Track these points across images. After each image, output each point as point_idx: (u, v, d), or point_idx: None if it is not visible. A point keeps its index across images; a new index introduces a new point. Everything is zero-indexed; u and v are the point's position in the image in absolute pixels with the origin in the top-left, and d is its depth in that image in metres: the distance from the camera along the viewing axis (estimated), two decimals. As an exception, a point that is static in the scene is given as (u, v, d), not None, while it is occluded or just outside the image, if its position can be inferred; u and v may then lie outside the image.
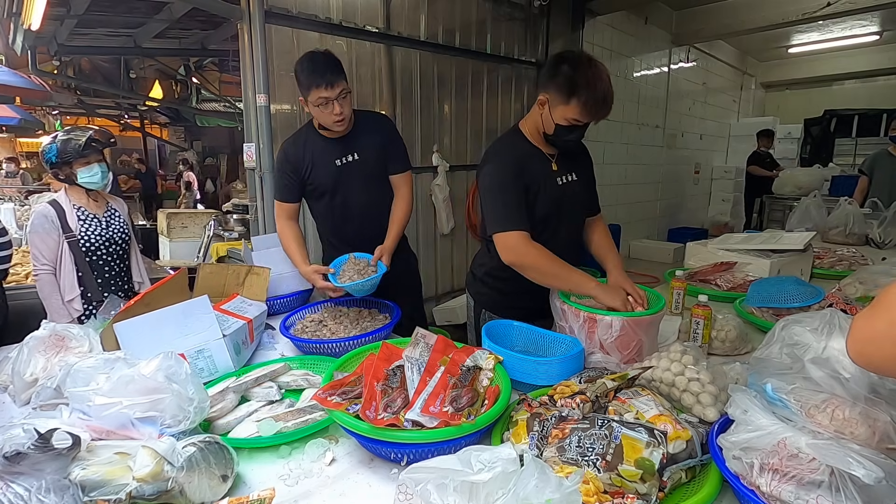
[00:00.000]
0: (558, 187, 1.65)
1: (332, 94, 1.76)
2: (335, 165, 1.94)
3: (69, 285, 2.14)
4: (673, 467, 0.91)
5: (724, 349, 1.58)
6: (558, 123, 1.54)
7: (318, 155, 1.93)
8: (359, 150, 1.95)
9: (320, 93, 1.75)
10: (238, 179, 9.67)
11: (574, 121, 1.51)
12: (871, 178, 4.31)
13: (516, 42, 4.73)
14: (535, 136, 1.67)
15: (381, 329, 1.65)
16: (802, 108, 9.46)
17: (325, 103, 1.78)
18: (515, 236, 1.52)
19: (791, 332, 0.91)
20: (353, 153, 1.95)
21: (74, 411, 1.00)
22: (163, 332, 1.38)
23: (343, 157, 1.94)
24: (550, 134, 1.59)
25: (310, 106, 1.83)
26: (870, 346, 0.65)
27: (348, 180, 1.96)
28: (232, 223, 4.40)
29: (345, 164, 1.94)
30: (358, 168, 1.95)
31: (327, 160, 1.94)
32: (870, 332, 0.65)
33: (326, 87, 1.75)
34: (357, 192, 1.98)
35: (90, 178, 2.16)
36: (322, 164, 1.94)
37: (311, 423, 1.16)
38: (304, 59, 1.81)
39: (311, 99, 1.78)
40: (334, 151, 1.94)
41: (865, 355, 0.67)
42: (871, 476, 0.72)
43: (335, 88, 1.76)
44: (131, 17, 4.76)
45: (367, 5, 3.54)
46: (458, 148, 4.43)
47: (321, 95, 1.76)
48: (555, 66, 1.52)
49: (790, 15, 5.70)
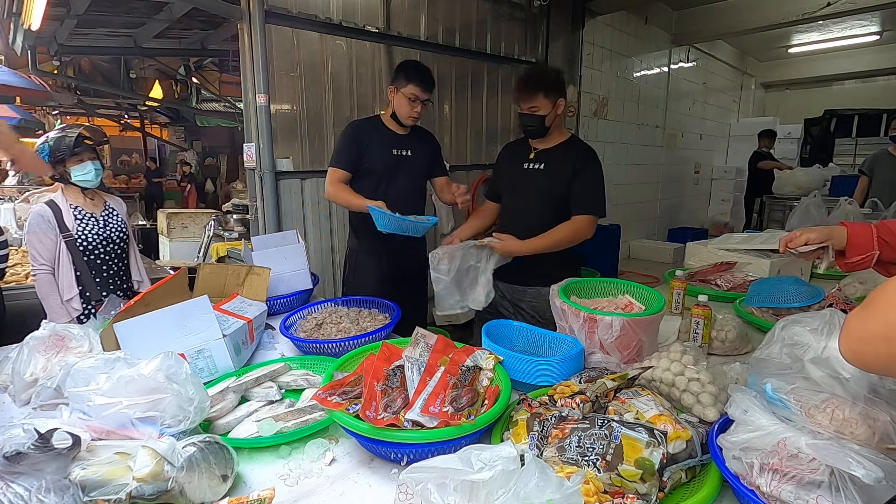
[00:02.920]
0: (523, 170, 2.09)
1: (424, 96, 2.17)
2: (392, 154, 2.25)
3: (67, 285, 2.14)
4: (673, 467, 0.91)
5: (724, 349, 1.58)
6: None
7: (380, 140, 2.25)
8: (412, 149, 2.30)
9: (417, 91, 2.14)
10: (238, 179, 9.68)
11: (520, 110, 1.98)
12: (871, 179, 4.31)
13: (516, 42, 4.73)
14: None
15: (382, 329, 1.65)
16: (802, 108, 9.46)
17: (414, 99, 2.15)
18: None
19: (791, 332, 0.91)
20: (408, 149, 2.29)
21: (74, 411, 1.00)
22: (163, 332, 1.38)
23: (400, 150, 2.27)
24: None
25: (399, 96, 2.17)
26: (863, 345, 0.64)
27: (398, 170, 2.26)
28: (232, 223, 4.40)
29: (399, 156, 2.27)
30: (409, 163, 2.29)
31: (386, 147, 2.25)
32: (863, 331, 0.64)
33: (423, 89, 2.15)
34: (401, 183, 2.27)
35: (84, 176, 2.15)
36: (380, 149, 2.24)
37: (311, 423, 1.16)
38: (413, 62, 2.26)
39: (407, 91, 2.14)
40: (394, 143, 2.26)
41: (859, 354, 0.66)
42: (871, 476, 0.72)
43: (427, 94, 2.18)
44: (131, 17, 4.75)
45: (367, 5, 3.54)
46: (458, 148, 4.43)
47: (416, 93, 2.14)
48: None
49: (790, 15, 5.70)
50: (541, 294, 1.99)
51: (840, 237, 1.19)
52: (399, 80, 2.16)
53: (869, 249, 1.13)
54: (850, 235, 1.17)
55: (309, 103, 3.31)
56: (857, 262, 1.15)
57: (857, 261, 1.15)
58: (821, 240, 1.23)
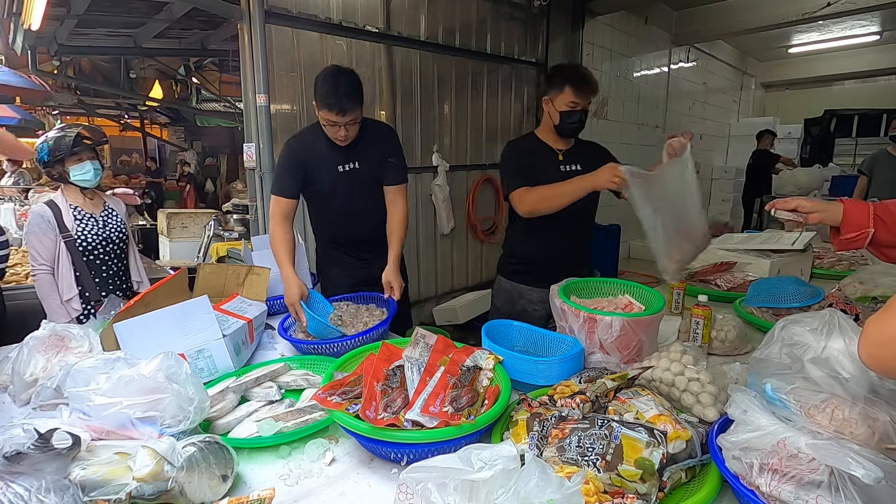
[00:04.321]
0: (561, 173, 1.94)
1: (342, 121, 1.78)
2: (337, 171, 1.96)
3: (67, 285, 2.14)
4: (673, 467, 0.91)
5: (724, 349, 1.58)
6: (561, 111, 1.89)
7: (321, 158, 1.94)
8: (361, 159, 1.97)
9: (331, 116, 1.77)
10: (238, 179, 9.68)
11: (572, 103, 1.87)
12: (870, 178, 4.30)
13: (516, 42, 4.73)
14: (547, 136, 2.01)
15: (378, 326, 1.66)
16: (802, 108, 9.46)
17: (332, 125, 1.81)
18: (517, 192, 1.88)
19: (791, 332, 0.91)
20: (355, 161, 1.96)
21: (74, 411, 1.00)
22: (163, 332, 1.38)
23: (346, 163, 1.96)
24: (558, 123, 1.92)
25: (319, 116, 1.83)
26: (883, 349, 0.65)
27: (348, 186, 1.98)
28: (232, 223, 4.40)
29: (346, 171, 1.96)
30: (358, 176, 1.97)
31: (330, 164, 1.95)
32: (882, 335, 0.65)
33: (338, 113, 1.76)
34: (355, 198, 2.00)
35: (83, 176, 2.15)
36: (325, 168, 1.95)
37: (311, 423, 1.16)
38: (327, 75, 1.79)
39: (321, 115, 1.80)
40: (338, 157, 1.95)
41: (878, 359, 0.67)
42: (871, 476, 0.72)
43: (346, 116, 1.77)
44: (131, 17, 4.76)
45: (367, 5, 3.54)
46: (458, 148, 4.43)
47: (331, 119, 1.78)
48: (549, 76, 2.00)
49: (790, 15, 5.70)
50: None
51: (836, 212, 1.17)
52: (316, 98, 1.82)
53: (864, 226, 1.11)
54: (846, 210, 1.14)
55: (309, 103, 3.30)
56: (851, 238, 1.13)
57: (851, 237, 1.13)
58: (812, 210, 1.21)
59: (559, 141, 1.99)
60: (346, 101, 1.75)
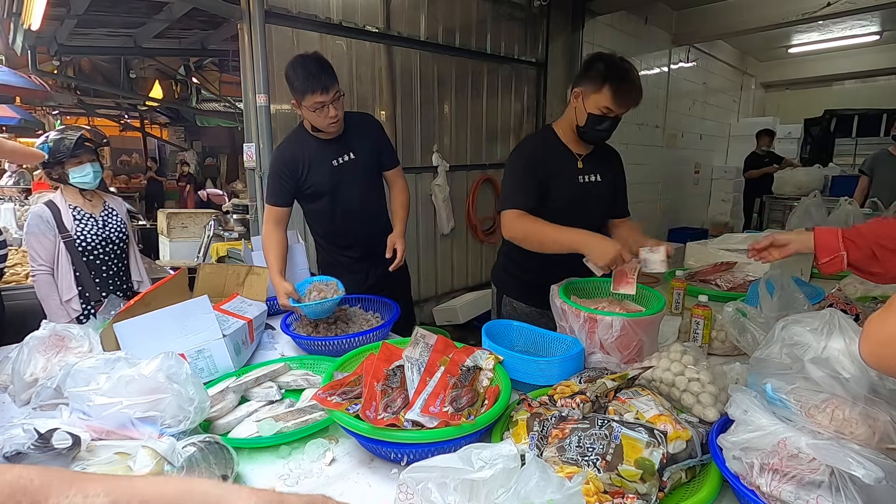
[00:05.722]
0: (579, 185, 1.74)
1: (328, 99, 1.77)
2: (332, 166, 1.95)
3: (66, 285, 2.14)
4: (673, 467, 0.91)
5: (724, 349, 1.58)
6: (591, 112, 1.63)
7: (314, 157, 1.93)
8: (354, 150, 1.97)
9: (316, 98, 1.76)
10: (238, 179, 9.68)
11: (606, 108, 1.61)
12: (871, 178, 4.30)
13: (516, 42, 4.73)
14: (567, 135, 1.77)
15: (380, 327, 1.66)
16: (802, 108, 9.44)
17: (320, 108, 1.79)
18: (509, 214, 1.64)
19: (791, 332, 0.91)
20: (349, 153, 1.97)
21: (74, 411, 1.00)
22: (163, 332, 1.38)
23: (339, 157, 1.96)
24: (583, 125, 1.67)
25: (304, 110, 1.83)
26: (885, 348, 0.65)
27: (346, 180, 1.97)
28: (232, 223, 4.40)
29: (342, 164, 1.96)
30: (355, 167, 1.98)
31: (324, 161, 1.94)
32: (884, 334, 0.66)
33: (322, 92, 1.75)
34: (357, 190, 2.00)
35: (82, 178, 2.15)
36: (319, 166, 1.94)
37: (311, 423, 1.16)
38: (295, 64, 1.79)
39: (307, 104, 1.79)
40: (330, 152, 1.95)
41: (880, 357, 0.67)
42: (871, 476, 0.72)
43: (330, 92, 1.77)
44: (131, 17, 4.76)
45: (367, 5, 3.54)
46: (458, 148, 4.43)
47: (317, 100, 1.77)
48: (589, 62, 1.66)
49: (790, 15, 5.69)
50: None
51: (807, 239, 1.27)
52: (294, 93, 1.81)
53: (836, 250, 1.20)
54: (816, 237, 1.25)
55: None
56: (827, 262, 1.22)
57: (827, 261, 1.22)
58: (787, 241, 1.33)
59: (579, 143, 1.76)
60: (326, 77, 1.76)
